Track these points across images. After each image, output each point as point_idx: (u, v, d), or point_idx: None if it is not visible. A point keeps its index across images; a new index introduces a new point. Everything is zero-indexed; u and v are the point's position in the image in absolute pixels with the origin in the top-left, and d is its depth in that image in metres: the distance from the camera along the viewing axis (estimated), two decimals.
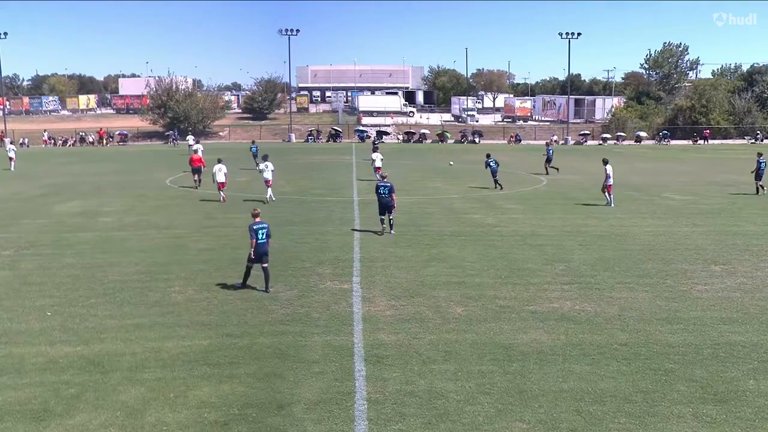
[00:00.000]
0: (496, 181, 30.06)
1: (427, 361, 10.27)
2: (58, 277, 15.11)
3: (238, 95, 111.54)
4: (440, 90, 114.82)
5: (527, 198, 27.73)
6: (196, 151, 33.11)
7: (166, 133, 69.58)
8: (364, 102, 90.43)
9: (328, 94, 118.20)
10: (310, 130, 72.54)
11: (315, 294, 13.71)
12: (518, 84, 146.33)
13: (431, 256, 16.98)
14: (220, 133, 75.65)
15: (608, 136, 69.61)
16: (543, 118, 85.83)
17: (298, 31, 72.55)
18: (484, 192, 29.48)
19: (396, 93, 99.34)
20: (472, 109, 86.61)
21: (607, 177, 25.34)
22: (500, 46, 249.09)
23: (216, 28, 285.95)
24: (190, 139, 50.71)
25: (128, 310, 12.75)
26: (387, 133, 72.80)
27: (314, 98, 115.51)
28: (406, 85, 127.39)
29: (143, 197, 27.96)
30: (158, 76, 79.25)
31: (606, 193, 25.48)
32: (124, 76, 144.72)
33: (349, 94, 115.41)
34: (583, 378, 9.69)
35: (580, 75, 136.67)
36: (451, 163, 40.89)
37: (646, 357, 10.45)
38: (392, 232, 19.69)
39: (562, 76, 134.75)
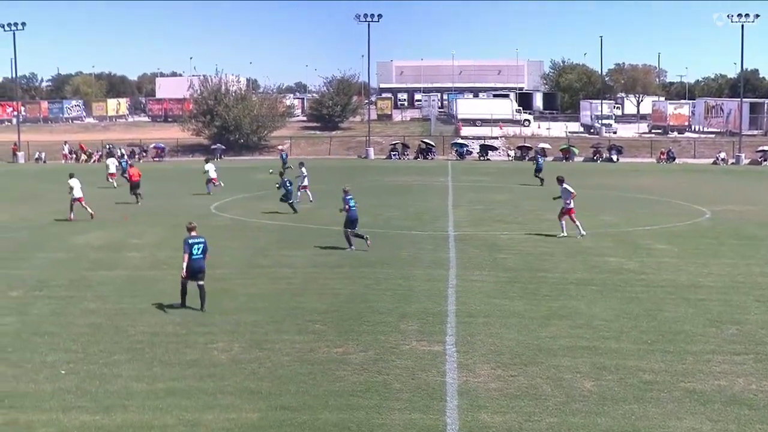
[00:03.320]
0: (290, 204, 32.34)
1: None
2: (76, 326, 15.74)
3: (302, 98, 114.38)
4: (565, 92, 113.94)
5: (683, 236, 26.97)
6: (132, 165, 41.00)
7: (212, 147, 71.85)
8: (465, 107, 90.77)
9: (417, 96, 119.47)
10: (394, 144, 73.32)
11: (396, 357, 13.71)
12: (671, 83, 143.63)
13: (551, 312, 16.73)
14: (279, 147, 77.40)
15: None
16: (705, 129, 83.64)
17: (380, 16, 73.96)
18: (622, 227, 28.90)
19: (506, 95, 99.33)
20: (608, 117, 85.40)
21: (566, 199, 26.02)
22: (647, 33, 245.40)
23: (276, 16, 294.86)
24: (115, 158, 54.91)
25: (159, 370, 13.11)
26: (494, 148, 72.67)
27: (399, 102, 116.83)
28: (521, 86, 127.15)
29: (180, 227, 28.64)
30: (204, 75, 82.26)
31: (569, 220, 26.04)
32: (162, 75, 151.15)
33: (445, 96, 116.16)
34: None
35: (757, 71, 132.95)
36: (271, 171, 38.79)
37: None
38: (369, 243, 23.43)
39: (732, 73, 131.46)
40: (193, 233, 16.94)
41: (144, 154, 71.90)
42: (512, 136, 78.72)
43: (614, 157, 67.37)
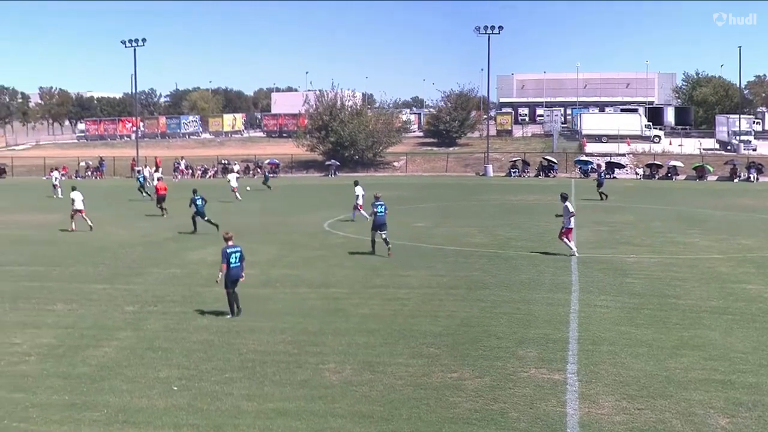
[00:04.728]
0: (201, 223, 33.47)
1: None
2: (188, 342, 16.28)
3: (419, 114, 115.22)
4: (699, 106, 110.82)
5: None
6: (160, 179, 45.65)
7: (327, 163, 73.18)
8: (590, 122, 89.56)
9: (539, 111, 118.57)
10: (514, 161, 73.06)
11: (513, 385, 13.58)
12: None
13: (682, 341, 16.24)
14: (395, 163, 78.19)
15: None
16: None
17: (501, 28, 74.05)
18: (763, 252, 27.79)
19: (635, 110, 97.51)
20: (747, 133, 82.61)
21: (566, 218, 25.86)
22: None
23: (393, 29, 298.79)
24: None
25: (270, 390, 13.39)
26: (621, 166, 71.41)
27: (520, 117, 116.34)
28: (650, 99, 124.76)
29: (293, 245, 29.44)
30: (319, 90, 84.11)
31: (565, 240, 26.23)
32: (278, 90, 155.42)
33: (569, 111, 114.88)
34: None
35: None
36: (248, 188, 39.95)
37: None
38: (390, 249, 25.94)
39: None
40: (230, 243, 18.22)
41: (258, 170, 73.85)
42: (641, 153, 77.24)
43: (753, 177, 65.04)
